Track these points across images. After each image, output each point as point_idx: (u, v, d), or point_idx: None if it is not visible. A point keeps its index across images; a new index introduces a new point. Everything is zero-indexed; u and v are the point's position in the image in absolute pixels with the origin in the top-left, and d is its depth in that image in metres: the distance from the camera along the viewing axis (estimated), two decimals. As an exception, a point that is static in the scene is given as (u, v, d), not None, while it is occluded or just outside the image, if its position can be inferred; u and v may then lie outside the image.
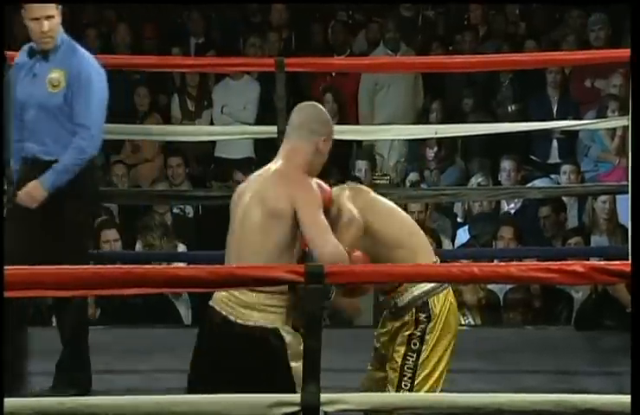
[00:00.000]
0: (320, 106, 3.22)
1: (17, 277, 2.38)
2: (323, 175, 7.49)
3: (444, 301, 3.03)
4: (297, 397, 2.45)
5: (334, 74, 6.75)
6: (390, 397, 2.52)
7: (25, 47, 4.02)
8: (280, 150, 3.03)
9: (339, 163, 6.52)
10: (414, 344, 3.00)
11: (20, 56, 4.03)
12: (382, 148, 6.61)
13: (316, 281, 2.46)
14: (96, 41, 6.93)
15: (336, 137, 5.74)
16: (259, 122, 6.40)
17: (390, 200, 6.07)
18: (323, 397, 2.46)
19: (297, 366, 2.74)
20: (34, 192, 3.82)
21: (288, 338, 2.79)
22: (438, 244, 5.62)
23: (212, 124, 6.62)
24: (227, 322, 2.78)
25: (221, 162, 6.63)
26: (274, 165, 2.99)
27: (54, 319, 5.44)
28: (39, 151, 3.90)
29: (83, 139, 3.87)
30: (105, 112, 4.00)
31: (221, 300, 2.79)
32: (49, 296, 4.72)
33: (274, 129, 4.85)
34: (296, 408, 2.44)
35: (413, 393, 2.60)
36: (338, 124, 6.38)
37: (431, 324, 3.00)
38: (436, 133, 5.43)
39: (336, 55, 6.81)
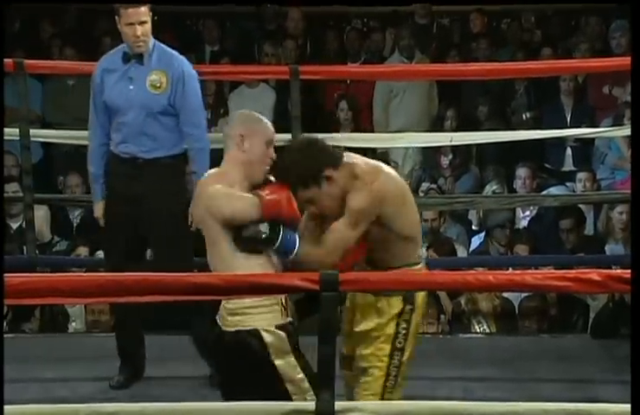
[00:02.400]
0: (250, 112, 3.21)
1: (35, 284, 2.39)
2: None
3: (423, 295, 3.01)
4: (311, 404, 2.45)
5: (349, 82, 6.76)
6: (405, 405, 2.51)
7: (113, 53, 4.18)
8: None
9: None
10: (399, 343, 2.96)
11: (107, 62, 4.16)
12: (397, 155, 6.60)
13: (330, 288, 2.45)
14: (112, 49, 6.95)
15: (351, 144, 5.83)
16: (274, 129, 6.39)
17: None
18: (338, 405, 2.45)
19: (282, 363, 2.77)
20: None
21: (268, 338, 2.81)
22: (452, 252, 5.61)
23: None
24: (222, 333, 2.86)
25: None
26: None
27: (69, 326, 5.47)
28: (138, 151, 4.04)
29: (200, 140, 4.05)
30: None
31: (220, 313, 2.86)
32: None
33: (288, 136, 4.85)
34: (310, 416, 2.44)
35: (429, 402, 2.59)
36: (353, 131, 6.38)
37: (414, 316, 2.98)
38: (451, 140, 5.42)
39: (350, 62, 6.81)
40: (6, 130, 5.47)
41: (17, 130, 4.86)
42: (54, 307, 5.36)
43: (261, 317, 2.78)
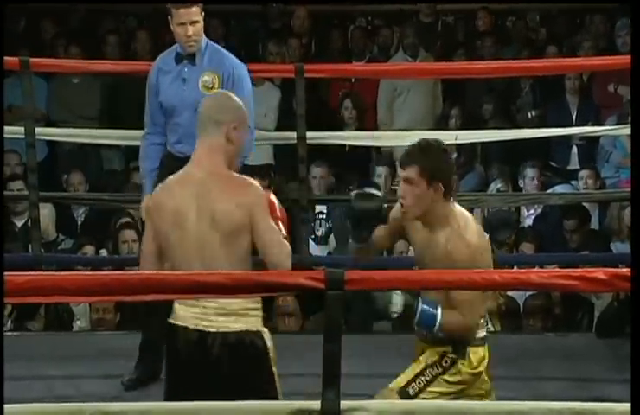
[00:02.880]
0: (227, 94, 3.16)
1: (40, 282, 2.39)
2: (343, 181, 7.48)
3: (483, 355, 3.02)
4: (317, 404, 2.45)
5: (353, 80, 6.75)
6: (410, 404, 2.51)
7: (167, 53, 4.17)
8: (197, 153, 2.95)
9: (359, 169, 6.52)
10: (445, 361, 3.01)
11: (162, 62, 4.17)
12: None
13: (336, 287, 2.45)
14: (117, 47, 6.97)
15: (356, 142, 5.83)
16: (279, 128, 6.41)
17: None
18: (343, 404, 2.45)
19: (275, 368, 2.79)
20: None
21: (269, 342, 2.79)
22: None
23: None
24: (207, 336, 2.72)
25: (241, 168, 6.62)
26: (199, 171, 2.90)
27: (74, 324, 5.48)
28: (192, 151, 4.00)
29: (250, 140, 4.01)
30: None
31: (193, 317, 2.72)
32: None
33: (293, 135, 4.85)
34: (316, 415, 2.44)
35: (434, 401, 2.59)
36: (357, 129, 6.38)
37: (462, 365, 3.00)
38: (456, 139, 5.42)
39: (355, 61, 6.81)
40: (11, 128, 5.48)
41: (22, 128, 4.86)
42: (59, 305, 5.37)
43: (260, 320, 2.78)
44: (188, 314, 2.72)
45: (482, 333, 3.05)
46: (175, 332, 2.75)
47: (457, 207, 3.10)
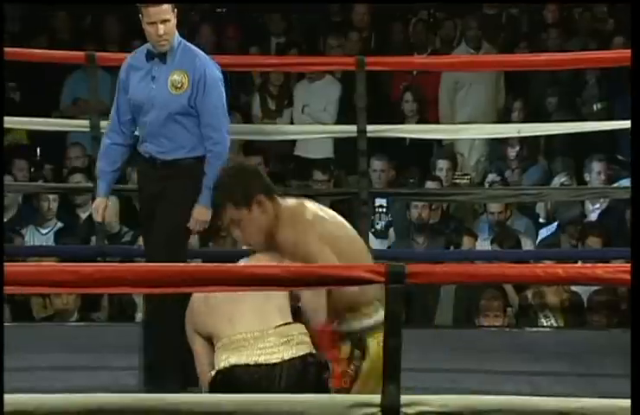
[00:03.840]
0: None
1: (103, 274, 2.42)
2: (404, 174, 7.45)
3: (378, 342, 2.86)
4: (376, 397, 2.43)
5: (415, 73, 6.71)
6: (472, 400, 2.49)
7: (139, 50, 4.09)
8: None
9: (419, 163, 6.48)
10: (345, 383, 2.91)
11: (133, 59, 4.09)
12: (463, 147, 6.54)
13: (397, 281, 2.44)
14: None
15: (417, 135, 5.79)
16: (338, 122, 6.40)
17: (472, 199, 5.96)
18: (404, 398, 2.44)
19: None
20: (201, 216, 3.91)
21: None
22: (517, 245, 5.55)
23: (292, 123, 6.65)
24: (273, 368, 2.71)
25: (301, 161, 6.65)
26: None
27: (136, 315, 5.54)
28: (156, 152, 3.96)
29: (218, 143, 3.91)
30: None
31: (254, 355, 2.70)
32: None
33: (354, 128, 4.84)
34: (375, 409, 2.42)
35: (496, 397, 2.56)
36: (418, 122, 6.35)
37: (364, 364, 2.92)
38: (518, 132, 5.35)
39: (416, 54, 6.77)
40: (77, 121, 5.57)
41: (88, 121, 4.93)
42: (122, 296, 5.44)
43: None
44: (245, 354, 2.71)
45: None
46: (236, 374, 2.72)
47: (288, 202, 2.99)
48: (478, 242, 5.72)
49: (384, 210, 6.19)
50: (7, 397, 2.39)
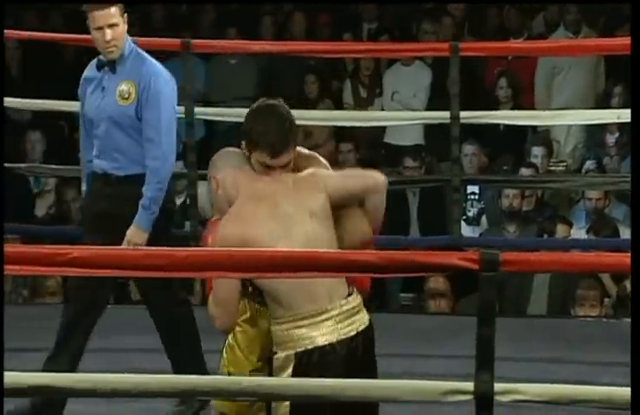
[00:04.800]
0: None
1: (197, 258, 2.45)
2: (497, 161, 7.30)
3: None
4: (470, 385, 2.41)
5: (510, 58, 6.61)
6: (568, 389, 2.45)
7: (94, 61, 3.80)
8: None
9: (513, 149, 6.39)
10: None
11: (88, 70, 3.80)
12: (559, 133, 6.42)
13: (491, 269, 2.41)
14: (271, 28, 7.07)
15: (511, 122, 5.71)
16: (429, 108, 6.36)
17: (568, 187, 5.82)
18: (497, 386, 2.41)
19: None
20: (136, 239, 3.62)
21: None
22: (615, 233, 5.42)
23: (382, 110, 6.64)
24: (351, 341, 2.66)
25: (392, 148, 6.63)
26: None
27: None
28: (110, 167, 3.69)
29: (155, 159, 3.63)
30: (175, 123, 3.76)
31: (329, 333, 2.63)
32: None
33: (447, 114, 4.80)
34: (469, 397, 2.40)
35: (593, 387, 2.51)
36: (513, 108, 6.26)
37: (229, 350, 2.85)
38: (618, 118, 5.21)
39: (512, 39, 6.66)
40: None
41: (183, 108, 5.01)
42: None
43: None
44: (320, 332, 2.64)
45: None
46: (317, 355, 2.64)
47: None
48: (573, 231, 5.62)
49: (476, 197, 6.13)
50: (105, 376, 2.45)
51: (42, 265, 2.39)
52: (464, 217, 5.95)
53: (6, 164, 5.21)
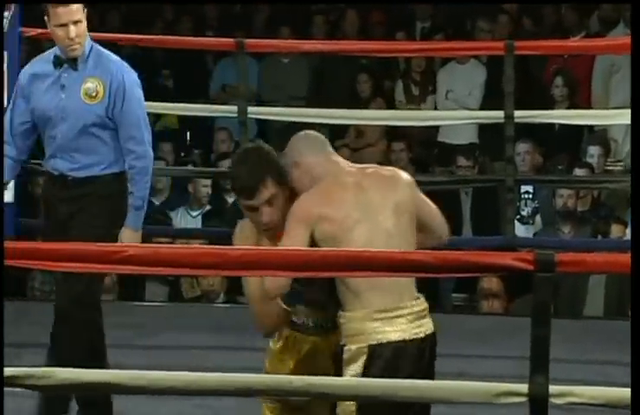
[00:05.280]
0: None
1: (249, 257, 2.45)
2: (552, 160, 7.20)
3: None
4: (524, 387, 2.39)
5: (566, 56, 6.53)
6: (625, 392, 2.41)
7: (44, 56, 3.64)
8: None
9: (569, 148, 6.31)
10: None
11: (37, 66, 3.63)
12: (617, 133, 6.32)
13: (546, 269, 2.38)
14: (323, 27, 7.08)
15: (566, 121, 5.64)
16: (483, 107, 6.31)
17: (625, 187, 5.70)
18: (552, 389, 2.38)
19: None
20: (131, 241, 3.52)
21: None
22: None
23: (435, 109, 6.60)
24: (422, 342, 2.66)
25: (445, 147, 6.60)
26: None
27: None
28: (68, 168, 3.55)
29: (142, 158, 3.55)
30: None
31: (402, 330, 2.63)
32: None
33: (501, 114, 4.76)
34: (523, 399, 2.38)
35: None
36: (568, 107, 6.18)
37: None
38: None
39: (570, 37, 6.56)
40: (225, 107, 5.70)
41: (236, 107, 5.04)
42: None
43: None
44: (393, 328, 2.64)
45: None
46: (390, 350, 2.63)
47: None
48: (629, 231, 5.54)
49: (530, 196, 6.07)
50: (158, 374, 2.46)
51: (98, 263, 2.41)
52: (518, 216, 5.89)
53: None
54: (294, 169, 2.73)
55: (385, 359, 2.64)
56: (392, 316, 2.66)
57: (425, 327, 2.70)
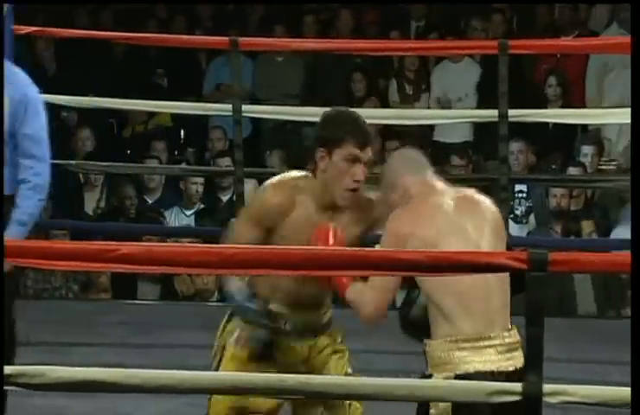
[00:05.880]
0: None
1: (243, 256, 2.45)
2: (546, 159, 7.21)
3: None
4: (518, 386, 2.39)
5: (559, 56, 6.54)
6: (618, 391, 2.42)
7: None
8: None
9: (562, 147, 6.32)
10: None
11: None
12: (611, 132, 6.34)
13: (539, 268, 2.39)
14: (314, 26, 7.07)
15: (560, 120, 5.66)
16: (478, 106, 6.32)
17: (618, 186, 5.69)
18: (546, 387, 2.38)
19: None
20: None
21: None
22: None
23: (429, 108, 6.61)
24: (511, 376, 2.55)
25: (439, 145, 6.60)
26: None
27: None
28: None
29: (39, 175, 3.34)
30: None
31: (491, 361, 2.56)
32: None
33: (495, 112, 4.76)
34: (517, 397, 2.38)
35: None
36: (562, 106, 6.19)
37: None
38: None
39: (562, 36, 6.58)
40: (219, 105, 5.69)
41: (230, 105, 5.04)
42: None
43: None
44: (481, 358, 2.57)
45: None
46: (479, 379, 2.53)
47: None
48: (624, 231, 5.55)
49: (524, 195, 6.08)
50: (151, 372, 2.46)
51: (91, 261, 2.41)
52: (512, 215, 5.90)
53: (56, 161, 5.27)
54: (390, 190, 2.74)
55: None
56: (481, 345, 2.59)
57: (516, 360, 2.60)
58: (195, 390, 2.54)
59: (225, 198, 6.24)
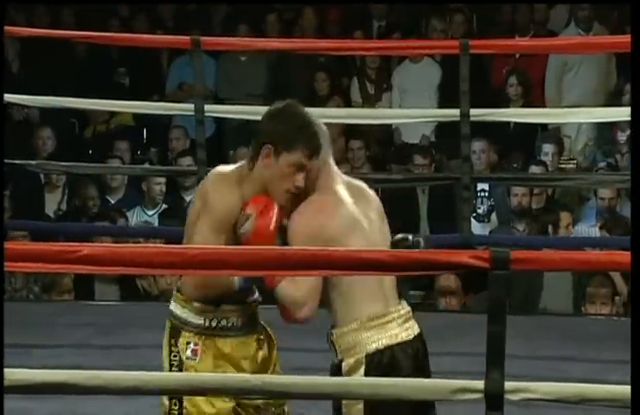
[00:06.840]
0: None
1: (207, 256, 2.44)
2: (507, 158, 7.27)
3: None
4: (480, 383, 2.41)
5: (518, 56, 6.60)
6: (578, 388, 2.44)
7: None
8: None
9: (523, 147, 6.37)
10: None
11: None
12: (570, 131, 6.41)
13: (501, 267, 2.40)
14: (277, 25, 7.07)
15: (521, 119, 5.70)
16: (439, 105, 6.35)
17: (579, 185, 5.75)
18: (507, 385, 2.40)
19: None
20: None
21: None
22: (627, 231, 5.41)
23: (391, 107, 6.63)
24: (414, 342, 2.71)
25: (402, 145, 6.63)
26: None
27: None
28: None
29: None
30: None
31: (395, 334, 2.67)
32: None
33: (456, 112, 4.79)
34: (479, 395, 2.40)
35: (604, 385, 2.50)
36: (523, 106, 6.24)
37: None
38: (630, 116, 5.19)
39: (518, 36, 6.64)
40: (182, 105, 5.67)
41: (192, 105, 5.02)
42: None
43: None
44: (387, 334, 2.67)
45: None
46: (388, 355, 2.66)
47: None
48: (585, 228, 5.61)
49: (486, 194, 6.12)
50: (114, 373, 2.44)
51: (52, 263, 2.39)
52: (474, 214, 5.94)
53: (16, 161, 5.22)
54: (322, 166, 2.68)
55: (384, 364, 2.66)
56: (383, 321, 2.69)
57: (414, 328, 2.74)
58: (158, 391, 2.52)
59: (188, 198, 6.21)
